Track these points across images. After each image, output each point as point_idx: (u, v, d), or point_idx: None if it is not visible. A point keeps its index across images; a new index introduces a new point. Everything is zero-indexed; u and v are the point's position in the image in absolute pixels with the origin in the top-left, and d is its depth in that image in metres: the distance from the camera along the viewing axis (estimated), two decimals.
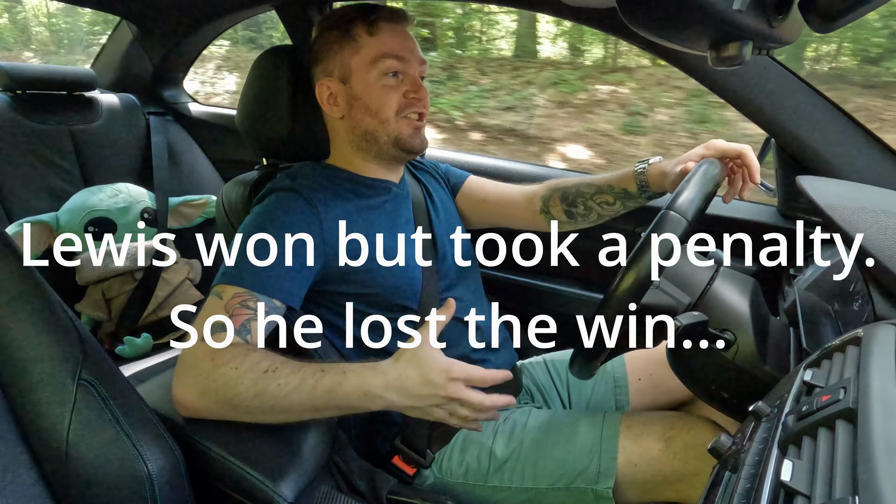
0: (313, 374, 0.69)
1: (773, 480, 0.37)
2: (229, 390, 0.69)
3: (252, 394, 0.68)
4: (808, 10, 0.52)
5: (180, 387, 0.71)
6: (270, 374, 0.69)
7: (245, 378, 0.69)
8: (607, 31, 1.12)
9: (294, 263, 0.80)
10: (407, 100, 0.90)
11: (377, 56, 0.88)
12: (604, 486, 0.79)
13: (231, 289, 0.77)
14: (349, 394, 0.69)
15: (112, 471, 0.61)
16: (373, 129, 0.91)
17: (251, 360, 0.70)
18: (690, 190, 0.70)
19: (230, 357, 0.70)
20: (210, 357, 0.71)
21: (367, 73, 0.89)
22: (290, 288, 0.80)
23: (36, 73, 1.51)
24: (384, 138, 0.91)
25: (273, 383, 0.68)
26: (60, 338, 0.63)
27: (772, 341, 0.73)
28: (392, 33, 0.90)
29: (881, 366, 0.42)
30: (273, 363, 0.70)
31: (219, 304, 0.76)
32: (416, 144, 0.92)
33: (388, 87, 0.89)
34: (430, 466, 0.89)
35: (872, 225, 0.67)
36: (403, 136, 0.91)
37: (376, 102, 0.89)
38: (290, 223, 0.82)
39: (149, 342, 1.45)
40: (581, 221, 1.04)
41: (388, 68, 0.88)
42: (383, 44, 0.89)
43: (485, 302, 1.05)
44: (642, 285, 0.66)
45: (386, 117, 0.90)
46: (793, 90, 1.01)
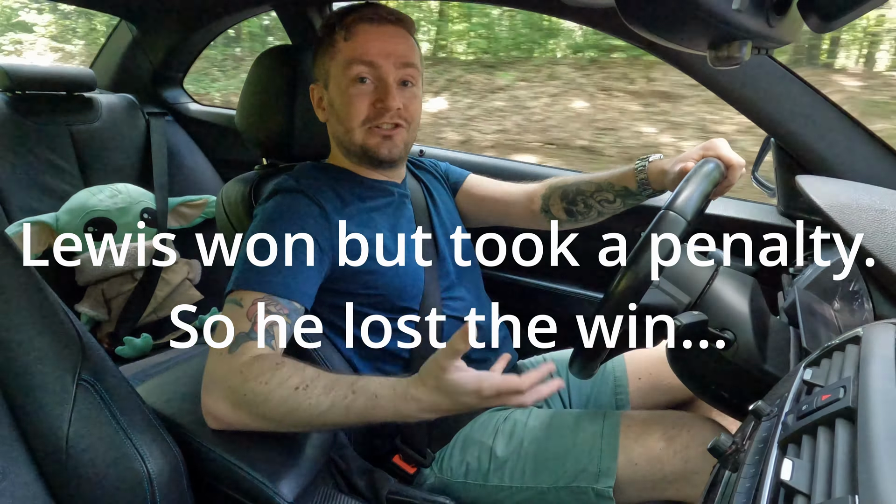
0: (344, 396, 0.68)
1: (773, 479, 0.37)
2: (260, 406, 0.68)
3: (284, 410, 0.68)
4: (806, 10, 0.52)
5: (212, 400, 0.71)
6: (301, 391, 0.68)
7: (275, 394, 0.68)
8: (607, 31, 1.12)
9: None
10: (375, 109, 0.86)
11: (348, 61, 0.85)
12: (604, 485, 0.79)
13: (250, 294, 0.75)
14: (383, 417, 0.69)
15: (112, 471, 0.61)
16: (342, 137, 0.90)
17: (280, 376, 0.69)
18: (690, 189, 0.70)
19: (259, 371, 0.69)
20: (238, 370, 0.70)
21: (341, 79, 0.86)
22: (306, 289, 0.79)
23: (35, 74, 1.51)
24: (353, 147, 0.89)
25: (305, 401, 0.68)
26: (60, 338, 0.63)
27: (772, 341, 0.73)
28: (368, 36, 0.85)
29: (881, 365, 0.42)
30: (303, 380, 0.69)
31: (239, 311, 0.74)
32: (384, 155, 0.88)
33: (355, 94, 0.85)
34: (431, 466, 0.89)
35: (872, 225, 0.67)
36: (369, 146, 0.88)
37: (344, 110, 0.87)
38: (299, 224, 0.82)
39: (149, 342, 1.45)
40: (581, 220, 1.04)
41: (357, 74, 0.85)
42: (355, 48, 0.85)
43: (485, 302, 1.05)
44: (642, 285, 0.66)
45: (350, 126, 0.87)
46: (792, 90, 1.02)
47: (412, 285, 0.90)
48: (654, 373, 1.02)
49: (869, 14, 3.06)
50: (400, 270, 0.89)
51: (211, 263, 1.64)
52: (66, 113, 1.56)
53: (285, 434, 0.74)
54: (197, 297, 1.60)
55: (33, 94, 1.52)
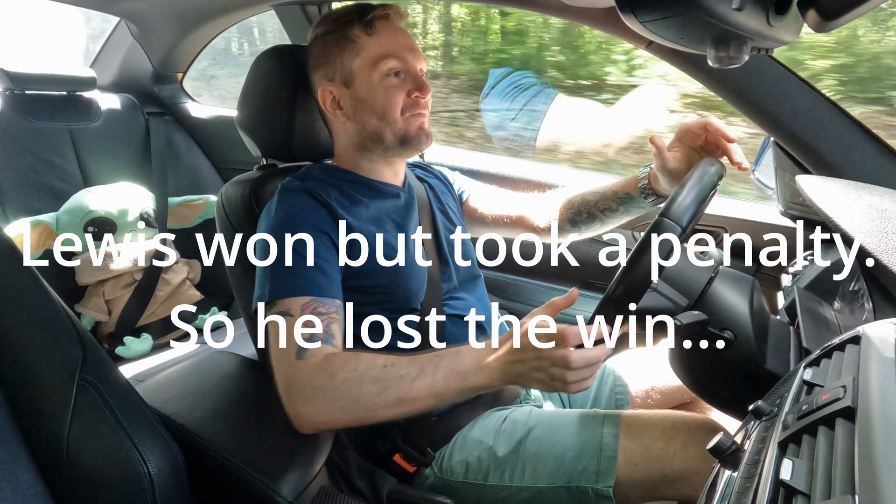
0: (430, 360, 0.72)
1: (773, 479, 0.37)
2: (353, 391, 0.71)
3: (377, 390, 0.71)
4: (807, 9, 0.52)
5: (302, 405, 0.72)
6: (390, 367, 0.72)
7: (366, 376, 0.71)
8: (607, 31, 1.12)
9: (331, 262, 0.83)
10: (411, 98, 0.90)
11: (378, 57, 0.88)
12: (604, 485, 0.79)
13: (294, 301, 0.78)
14: (466, 372, 0.71)
15: (112, 471, 0.61)
16: (380, 130, 0.91)
17: (365, 361, 0.73)
18: (686, 194, 0.70)
19: (341, 363, 0.72)
20: (320, 369, 0.72)
21: (370, 74, 0.88)
22: (338, 286, 0.83)
23: (36, 74, 1.51)
24: (391, 138, 0.91)
25: (395, 375, 0.71)
26: (60, 338, 0.63)
27: (771, 341, 0.73)
28: (390, 31, 0.89)
29: (881, 365, 0.42)
30: (387, 359, 0.73)
31: (292, 320, 0.76)
32: (423, 141, 0.92)
33: (391, 87, 0.89)
34: (431, 465, 0.89)
35: (872, 225, 0.67)
36: (410, 134, 0.91)
37: (382, 104, 0.89)
38: (313, 224, 0.83)
39: (149, 342, 1.45)
40: (584, 230, 1.06)
41: (391, 68, 0.88)
42: (383, 43, 0.88)
43: (486, 302, 1.05)
44: (640, 289, 0.66)
45: (393, 118, 0.90)
46: (792, 90, 1.01)
47: (414, 285, 0.90)
48: (654, 373, 1.02)
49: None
50: (402, 270, 0.89)
51: (211, 263, 1.64)
52: (66, 113, 1.56)
53: (286, 434, 0.74)
54: (197, 297, 1.60)
55: (33, 94, 1.52)
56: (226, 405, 0.83)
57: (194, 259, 1.65)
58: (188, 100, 1.91)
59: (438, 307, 0.92)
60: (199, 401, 0.83)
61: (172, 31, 1.67)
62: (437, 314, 0.91)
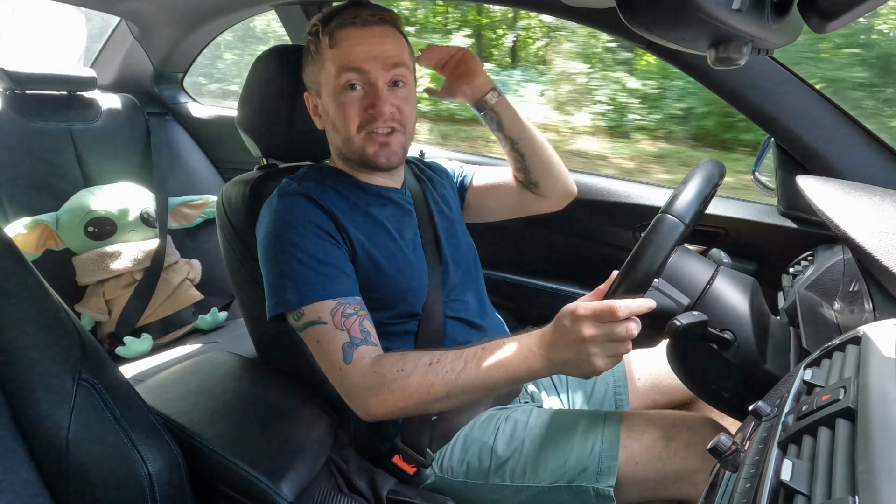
0: (475, 353, 0.74)
1: (773, 480, 0.37)
2: (404, 389, 0.74)
3: (426, 387, 0.74)
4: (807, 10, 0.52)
5: (361, 404, 0.77)
6: (435, 364, 0.74)
7: (414, 375, 0.74)
8: (607, 31, 1.12)
9: (344, 260, 0.83)
10: (367, 114, 0.84)
11: (336, 70, 0.83)
12: (605, 485, 0.79)
13: (323, 307, 0.78)
14: (511, 362, 0.72)
15: (112, 471, 0.61)
16: (341, 145, 0.89)
17: (412, 360, 0.75)
18: (688, 192, 0.70)
19: (389, 365, 0.76)
20: (370, 372, 0.76)
21: (331, 88, 0.85)
22: (355, 280, 0.84)
23: (36, 74, 1.51)
24: (352, 155, 0.89)
25: (441, 371, 0.74)
26: (60, 338, 0.63)
27: (772, 341, 0.73)
28: (352, 41, 0.83)
29: (881, 365, 0.42)
30: (433, 356, 0.75)
31: (326, 327, 0.78)
32: (382, 162, 0.87)
33: (346, 102, 0.84)
34: (431, 465, 0.89)
35: (872, 225, 0.67)
36: (367, 153, 0.87)
37: (339, 119, 0.86)
38: (317, 225, 0.83)
39: (149, 342, 1.45)
40: (524, 157, 1.05)
41: (347, 81, 0.83)
42: (341, 55, 0.83)
43: (487, 303, 1.05)
44: (641, 286, 0.66)
45: (348, 135, 0.86)
46: (792, 90, 1.02)
47: (415, 288, 0.90)
48: (654, 373, 1.02)
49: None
50: (402, 274, 0.89)
51: (211, 263, 1.64)
52: (67, 113, 1.56)
53: (286, 434, 0.74)
54: (197, 297, 1.60)
55: (34, 94, 1.52)
56: (226, 405, 0.83)
57: (194, 259, 1.65)
58: (189, 100, 1.91)
59: (440, 309, 0.92)
60: (199, 401, 0.83)
61: (173, 31, 1.67)
62: (439, 316, 0.91)
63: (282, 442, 0.74)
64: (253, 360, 0.98)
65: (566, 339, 0.67)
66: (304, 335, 0.80)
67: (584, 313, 0.65)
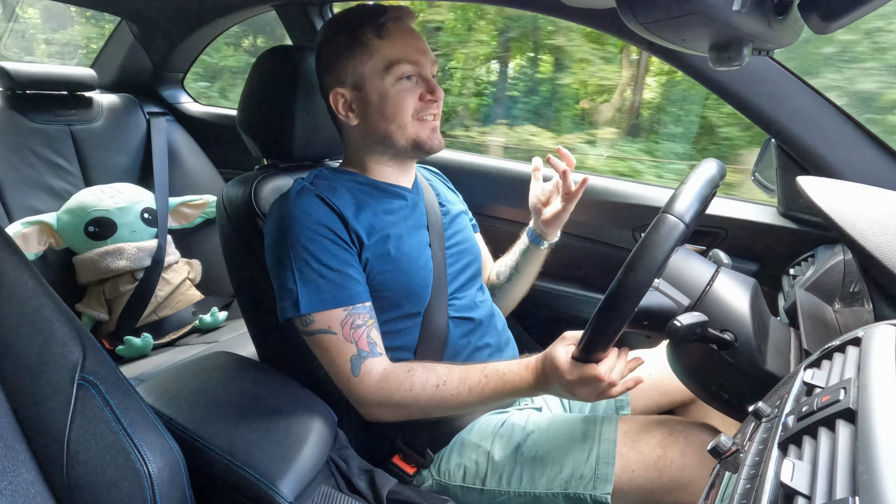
0: (479, 381, 0.81)
1: (774, 481, 0.37)
2: (410, 405, 0.82)
3: (432, 406, 0.82)
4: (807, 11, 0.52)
5: (367, 412, 0.84)
6: (442, 387, 0.81)
7: (422, 396, 0.81)
8: (607, 32, 1.12)
9: (352, 264, 0.85)
10: (423, 102, 0.89)
11: (391, 61, 0.86)
12: (601, 492, 0.79)
13: (332, 315, 0.81)
14: (511, 391, 0.80)
15: (112, 470, 0.61)
16: (391, 134, 0.90)
17: (419, 380, 0.81)
18: (689, 192, 0.69)
19: (397, 384, 0.81)
20: (378, 388, 0.82)
21: (382, 78, 0.87)
22: (364, 286, 0.86)
23: (36, 73, 1.51)
24: (402, 142, 0.90)
25: (447, 394, 0.81)
26: (60, 337, 0.63)
27: (772, 341, 0.73)
28: (402, 35, 0.88)
29: (881, 366, 0.42)
30: (439, 377, 0.82)
31: (335, 338, 0.82)
32: (435, 145, 0.92)
33: (403, 91, 0.88)
34: (429, 467, 0.89)
35: (872, 225, 0.67)
36: (422, 138, 0.91)
37: (393, 108, 0.88)
38: (328, 227, 0.83)
39: (149, 342, 1.45)
40: (506, 285, 1.14)
41: (403, 73, 0.87)
42: (395, 47, 0.87)
43: (489, 304, 1.05)
44: (641, 287, 0.66)
45: (403, 122, 0.89)
46: (793, 91, 1.02)
47: (420, 287, 0.90)
48: (654, 374, 1.02)
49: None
50: (410, 273, 0.89)
51: (211, 263, 1.64)
52: (67, 112, 1.56)
53: (286, 434, 0.74)
54: (197, 297, 1.60)
55: (34, 94, 1.52)
56: (226, 405, 0.83)
57: (195, 259, 1.65)
58: (189, 99, 1.91)
59: (444, 308, 0.92)
60: (199, 401, 0.83)
61: (173, 31, 1.67)
62: (441, 315, 0.91)
63: (282, 442, 0.74)
64: (253, 360, 0.98)
65: (557, 385, 0.76)
66: (311, 341, 0.82)
67: (571, 379, 0.73)
